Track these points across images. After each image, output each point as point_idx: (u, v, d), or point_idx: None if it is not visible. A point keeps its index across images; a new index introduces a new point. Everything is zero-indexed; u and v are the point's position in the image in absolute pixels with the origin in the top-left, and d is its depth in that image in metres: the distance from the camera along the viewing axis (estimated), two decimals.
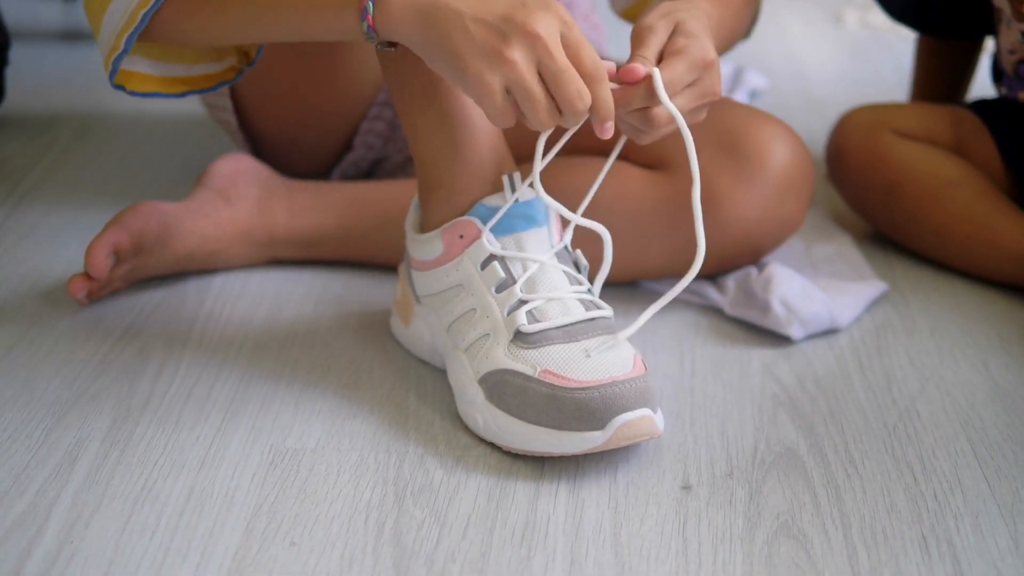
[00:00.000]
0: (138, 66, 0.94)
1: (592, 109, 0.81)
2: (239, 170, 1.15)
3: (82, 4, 0.90)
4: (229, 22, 0.88)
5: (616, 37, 1.24)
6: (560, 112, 0.81)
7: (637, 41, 0.87)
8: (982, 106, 1.25)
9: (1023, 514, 0.83)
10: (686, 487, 0.85)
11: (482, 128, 0.91)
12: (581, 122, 0.82)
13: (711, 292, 1.10)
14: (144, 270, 1.08)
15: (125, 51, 0.89)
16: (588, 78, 0.81)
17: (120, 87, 0.93)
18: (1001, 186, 1.21)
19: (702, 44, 0.87)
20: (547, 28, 0.79)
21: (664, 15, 0.88)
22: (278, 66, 1.18)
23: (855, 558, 0.78)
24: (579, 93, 0.80)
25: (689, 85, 0.86)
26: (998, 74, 1.26)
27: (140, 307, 1.07)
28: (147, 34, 0.90)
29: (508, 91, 0.80)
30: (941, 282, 1.18)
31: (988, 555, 0.79)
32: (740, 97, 1.63)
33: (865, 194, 1.23)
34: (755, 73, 1.72)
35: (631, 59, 0.86)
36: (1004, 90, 1.24)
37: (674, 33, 0.87)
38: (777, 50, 1.96)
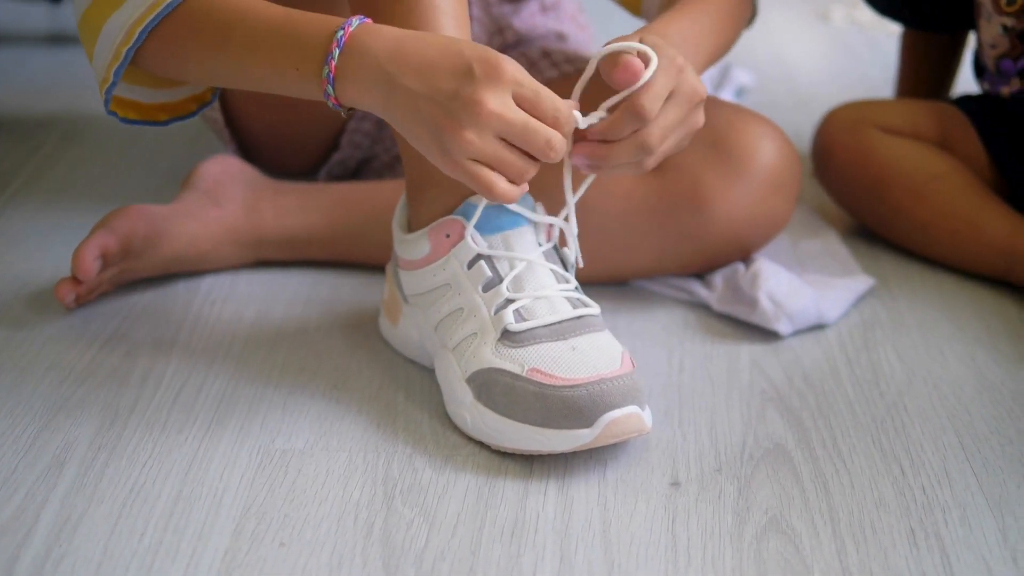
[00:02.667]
0: (123, 92, 0.96)
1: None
2: (226, 171, 1.15)
3: (71, 9, 0.91)
4: (201, 67, 0.89)
5: (604, 36, 1.24)
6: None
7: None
8: (966, 101, 1.25)
9: (1010, 506, 0.83)
10: (675, 483, 0.85)
11: None
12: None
13: (699, 289, 1.10)
14: (132, 273, 1.08)
15: (114, 83, 0.91)
16: (551, 125, 0.81)
17: (113, 113, 0.96)
18: (986, 180, 1.21)
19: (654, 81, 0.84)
20: (496, 99, 0.78)
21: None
22: None
23: (844, 552, 0.78)
24: (548, 143, 0.80)
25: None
26: (980, 70, 1.26)
27: (128, 310, 1.07)
28: (135, 63, 0.92)
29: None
30: (927, 276, 1.18)
31: (976, 548, 0.79)
32: (727, 95, 1.63)
33: (851, 190, 1.24)
34: (742, 70, 1.72)
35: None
36: (986, 86, 1.24)
37: None
38: (763, 47, 1.96)
